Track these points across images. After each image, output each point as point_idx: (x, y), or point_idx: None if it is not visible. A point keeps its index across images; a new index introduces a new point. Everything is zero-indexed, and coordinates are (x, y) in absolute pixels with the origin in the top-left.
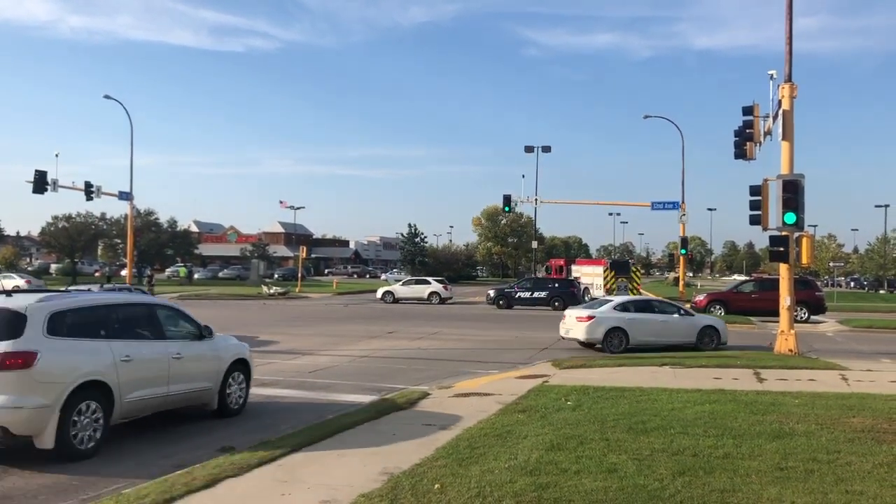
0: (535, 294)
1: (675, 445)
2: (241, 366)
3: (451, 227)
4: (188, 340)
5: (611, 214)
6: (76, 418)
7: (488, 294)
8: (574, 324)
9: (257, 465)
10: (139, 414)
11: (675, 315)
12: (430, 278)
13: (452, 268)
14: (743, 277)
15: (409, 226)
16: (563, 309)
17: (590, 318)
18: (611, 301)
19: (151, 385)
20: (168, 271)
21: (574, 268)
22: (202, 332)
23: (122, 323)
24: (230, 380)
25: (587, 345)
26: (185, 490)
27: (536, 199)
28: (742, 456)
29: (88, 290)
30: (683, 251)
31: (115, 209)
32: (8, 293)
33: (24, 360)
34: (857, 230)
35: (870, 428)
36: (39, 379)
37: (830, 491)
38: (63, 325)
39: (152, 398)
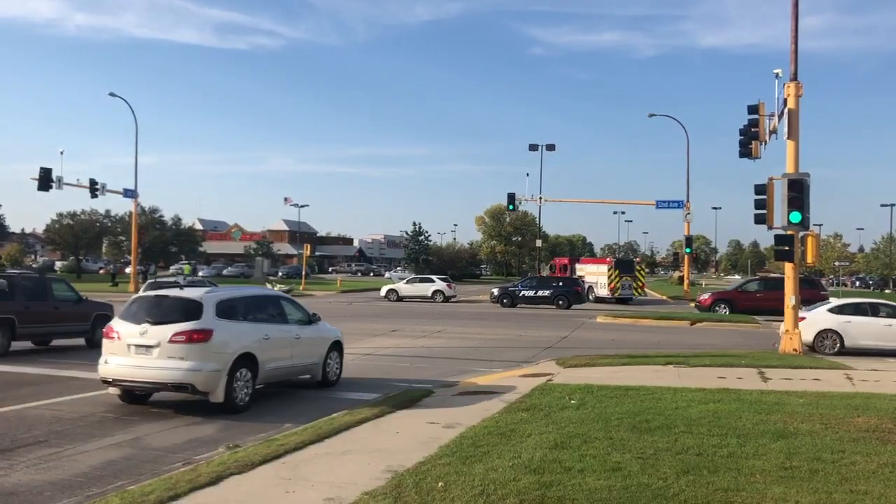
0: (539, 293)
1: (679, 444)
2: (336, 347)
3: (455, 225)
4: (303, 325)
5: (615, 213)
6: (237, 381)
7: (492, 292)
8: None
9: (262, 463)
10: (271, 380)
11: None
12: (434, 276)
13: (456, 266)
14: (739, 277)
15: (413, 224)
16: (567, 308)
17: (801, 318)
18: (829, 303)
19: (281, 359)
20: (173, 269)
21: (578, 266)
22: (311, 319)
23: (260, 310)
24: (329, 357)
25: (809, 347)
26: (189, 487)
27: (540, 198)
28: (746, 455)
29: (176, 282)
30: (688, 250)
31: (120, 207)
32: (180, 286)
33: (204, 336)
34: (862, 229)
35: (875, 428)
36: (214, 350)
37: (835, 490)
38: (225, 310)
39: (281, 368)
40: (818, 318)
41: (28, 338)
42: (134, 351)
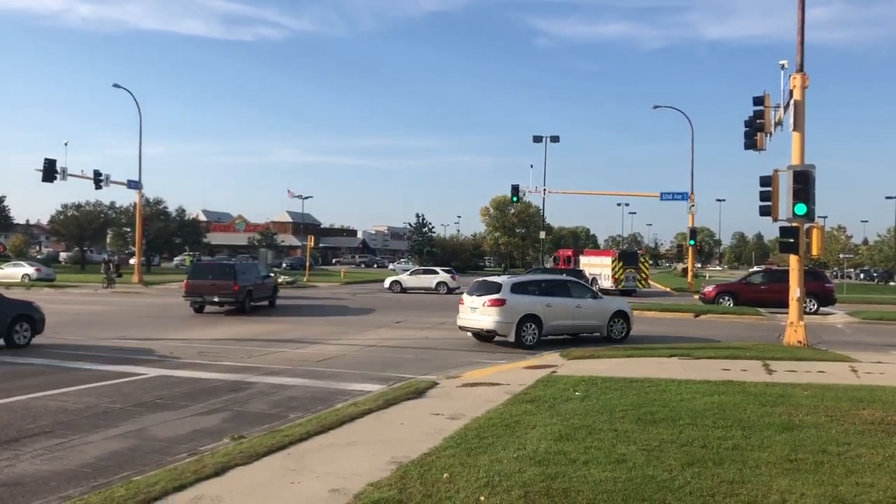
0: None
1: (683, 436)
2: (621, 315)
3: (459, 217)
4: (586, 299)
5: (619, 205)
6: (524, 330)
7: None
8: None
9: (266, 454)
10: (556, 333)
11: None
12: (437, 268)
13: (460, 258)
14: (720, 268)
15: (417, 216)
16: None
17: None
18: None
19: (562, 319)
20: (176, 260)
21: (582, 259)
22: (595, 295)
23: (547, 288)
24: (612, 322)
25: None
26: (194, 478)
27: (545, 190)
28: (751, 447)
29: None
30: (692, 242)
31: (124, 198)
32: (494, 276)
33: (501, 302)
34: (867, 221)
35: (880, 420)
36: (507, 311)
37: (841, 483)
38: (517, 288)
39: (562, 326)
40: None
41: (256, 300)
42: (469, 311)
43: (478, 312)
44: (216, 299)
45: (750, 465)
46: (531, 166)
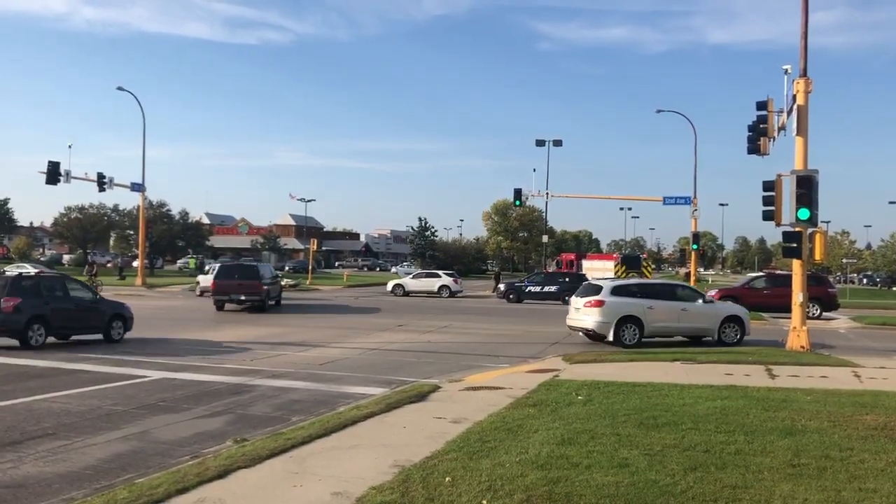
0: (546, 288)
1: (686, 441)
2: (733, 319)
3: (462, 220)
4: (694, 302)
5: (622, 209)
6: (623, 330)
7: (498, 288)
8: None
9: (269, 457)
10: (660, 335)
11: None
12: (440, 272)
13: (462, 261)
14: (713, 272)
15: (420, 219)
16: None
17: None
18: None
19: (665, 321)
20: (179, 263)
21: (585, 263)
22: (704, 299)
23: (651, 291)
24: (724, 326)
25: None
26: (197, 480)
27: (547, 193)
28: (754, 452)
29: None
30: (695, 246)
31: (128, 200)
32: (598, 279)
33: (599, 304)
34: (870, 226)
35: (883, 425)
36: (606, 311)
37: (843, 488)
38: (617, 290)
39: (666, 328)
40: None
41: (270, 299)
42: (574, 311)
43: (581, 313)
44: (242, 298)
45: (752, 470)
46: (534, 170)
